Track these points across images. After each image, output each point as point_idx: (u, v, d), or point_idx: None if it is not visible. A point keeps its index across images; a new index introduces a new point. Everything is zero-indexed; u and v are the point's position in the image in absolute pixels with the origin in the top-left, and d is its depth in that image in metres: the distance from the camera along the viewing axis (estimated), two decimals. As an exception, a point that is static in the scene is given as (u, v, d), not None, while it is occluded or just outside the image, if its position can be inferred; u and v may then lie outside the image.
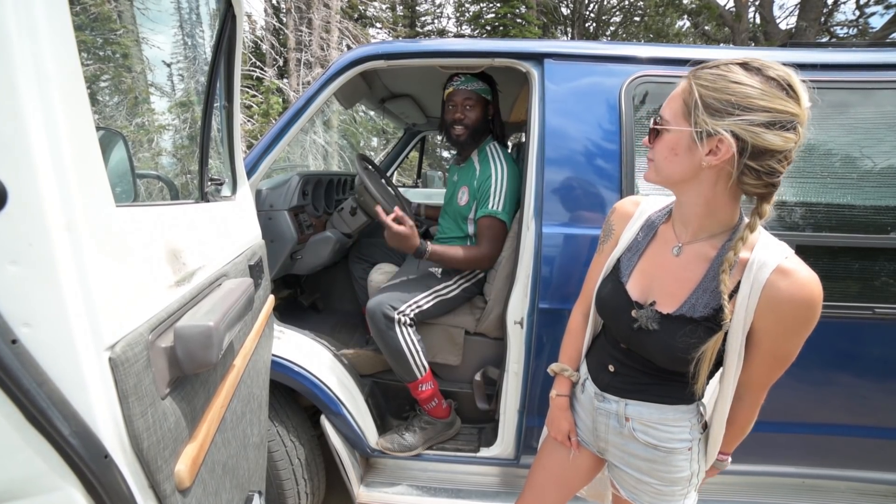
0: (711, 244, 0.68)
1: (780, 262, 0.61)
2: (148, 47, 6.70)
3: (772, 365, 0.67)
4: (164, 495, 0.49)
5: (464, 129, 1.46)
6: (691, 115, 0.59)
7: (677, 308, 0.68)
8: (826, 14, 7.98)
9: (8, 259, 0.36)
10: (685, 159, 0.62)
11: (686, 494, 0.78)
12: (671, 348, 0.67)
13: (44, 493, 0.39)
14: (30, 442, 0.37)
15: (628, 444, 0.78)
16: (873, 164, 1.15)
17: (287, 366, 1.27)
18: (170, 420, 0.52)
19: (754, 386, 0.70)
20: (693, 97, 0.59)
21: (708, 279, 0.67)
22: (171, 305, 0.57)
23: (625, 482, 0.82)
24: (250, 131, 6.84)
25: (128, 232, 0.50)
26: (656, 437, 0.75)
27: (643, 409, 0.76)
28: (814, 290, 0.60)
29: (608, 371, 0.80)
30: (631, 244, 0.78)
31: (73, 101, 0.39)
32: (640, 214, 0.80)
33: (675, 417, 0.74)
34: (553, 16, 13.30)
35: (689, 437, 0.75)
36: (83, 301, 0.40)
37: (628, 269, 0.77)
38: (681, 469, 0.75)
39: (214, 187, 1.02)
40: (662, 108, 0.65)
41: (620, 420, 0.78)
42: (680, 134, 0.61)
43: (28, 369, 0.36)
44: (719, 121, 0.57)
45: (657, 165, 0.66)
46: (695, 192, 0.65)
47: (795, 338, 0.63)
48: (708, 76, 0.60)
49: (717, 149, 0.59)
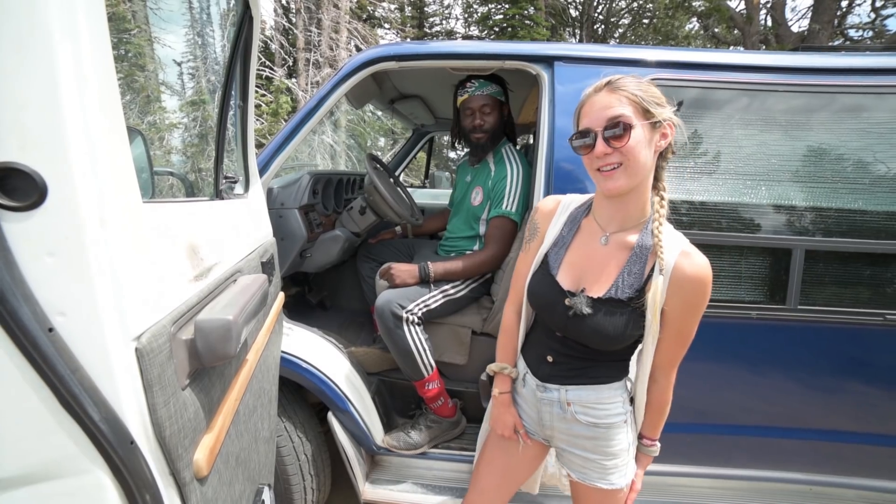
0: (631, 233, 0.78)
1: (683, 247, 0.72)
2: (164, 47, 6.80)
3: (679, 343, 0.77)
4: (183, 482, 0.51)
5: (484, 134, 1.47)
6: (646, 111, 0.70)
7: (606, 291, 0.76)
8: (840, 16, 7.87)
9: (46, 251, 0.38)
10: (648, 152, 0.72)
11: (627, 464, 0.85)
12: (603, 328, 0.75)
13: (74, 476, 0.40)
14: (63, 426, 0.39)
15: (572, 427, 0.84)
16: (887, 169, 1.14)
17: (295, 362, 1.28)
18: (189, 410, 0.54)
19: (666, 365, 0.79)
20: (637, 98, 0.70)
21: (631, 262, 0.76)
22: (191, 299, 0.59)
23: (573, 464, 0.87)
24: (259, 130, 6.91)
25: (152, 227, 0.52)
26: (596, 415, 0.82)
27: (582, 392, 0.82)
28: (709, 271, 0.72)
29: (547, 362, 0.85)
30: (557, 239, 0.85)
31: (107, 102, 0.41)
32: (562, 211, 0.87)
33: (609, 395, 0.82)
34: (561, 17, 13.27)
35: (623, 411, 0.83)
36: (113, 292, 0.42)
37: (557, 262, 0.83)
38: (619, 441, 0.83)
39: (228, 185, 1.04)
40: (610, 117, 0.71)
41: (563, 406, 0.84)
42: (643, 128, 0.71)
43: (63, 356, 0.38)
44: (663, 110, 0.71)
45: (630, 166, 0.71)
46: (643, 186, 0.75)
47: (696, 314, 0.74)
48: (629, 84, 0.72)
49: (663, 134, 0.73)
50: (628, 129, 0.69)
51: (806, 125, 1.16)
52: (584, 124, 0.74)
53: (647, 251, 0.75)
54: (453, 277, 1.40)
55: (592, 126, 0.72)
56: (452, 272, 1.39)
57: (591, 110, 0.73)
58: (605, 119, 0.71)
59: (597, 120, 0.72)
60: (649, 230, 0.76)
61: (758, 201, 1.16)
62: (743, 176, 1.16)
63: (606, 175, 0.72)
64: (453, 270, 1.39)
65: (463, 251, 1.53)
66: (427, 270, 1.36)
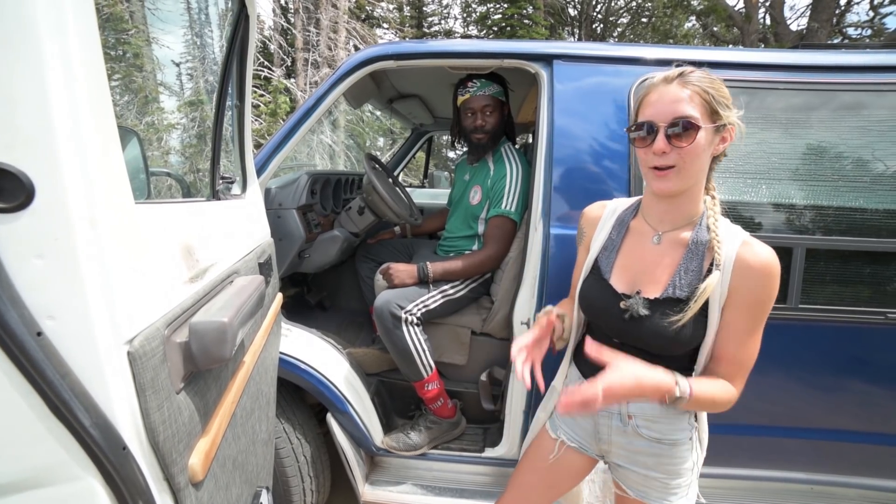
0: (684, 230, 0.75)
1: (743, 238, 0.69)
2: (161, 47, 6.79)
3: (742, 344, 0.70)
4: (178, 488, 0.50)
5: (485, 135, 1.45)
6: (715, 112, 0.67)
7: (663, 291, 0.73)
8: (839, 15, 7.87)
9: (34, 253, 0.37)
10: (707, 155, 0.69)
11: (690, 485, 0.80)
12: (663, 329, 0.71)
13: (65, 483, 0.40)
14: (53, 432, 0.38)
15: (633, 441, 0.79)
16: (886, 167, 1.14)
17: (294, 363, 1.28)
18: (184, 414, 0.53)
19: (731, 366, 0.72)
20: (708, 97, 0.66)
21: (687, 259, 0.72)
22: (186, 301, 0.58)
23: (631, 481, 0.82)
24: (257, 130, 6.90)
25: (145, 228, 0.51)
26: (660, 430, 0.77)
27: (645, 404, 0.77)
28: (775, 261, 0.67)
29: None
30: (606, 243, 0.82)
31: (97, 101, 0.40)
32: (609, 215, 0.84)
33: (674, 409, 0.76)
34: (560, 17, 13.27)
35: (689, 427, 0.77)
36: (104, 295, 0.41)
37: (608, 266, 0.80)
38: (684, 460, 0.77)
39: (225, 186, 1.03)
40: (678, 114, 0.67)
41: (623, 419, 0.79)
42: (707, 132, 0.67)
43: (52, 361, 0.37)
44: (730, 112, 0.68)
45: (684, 169, 0.68)
46: (697, 187, 0.72)
47: (761, 310, 0.69)
48: (702, 80, 0.68)
49: (724, 138, 0.69)
50: (694, 132, 0.65)
51: (806, 123, 1.15)
52: (647, 115, 0.69)
53: (704, 246, 0.71)
54: (452, 277, 1.39)
55: (656, 119, 0.67)
56: (451, 272, 1.38)
57: (658, 101, 0.68)
58: (672, 115, 0.66)
59: (663, 114, 0.67)
60: (704, 225, 0.72)
61: (758, 200, 1.16)
62: (743, 174, 1.16)
63: (660, 175, 0.69)
64: (452, 270, 1.38)
65: (462, 251, 1.52)
66: (426, 271, 1.36)
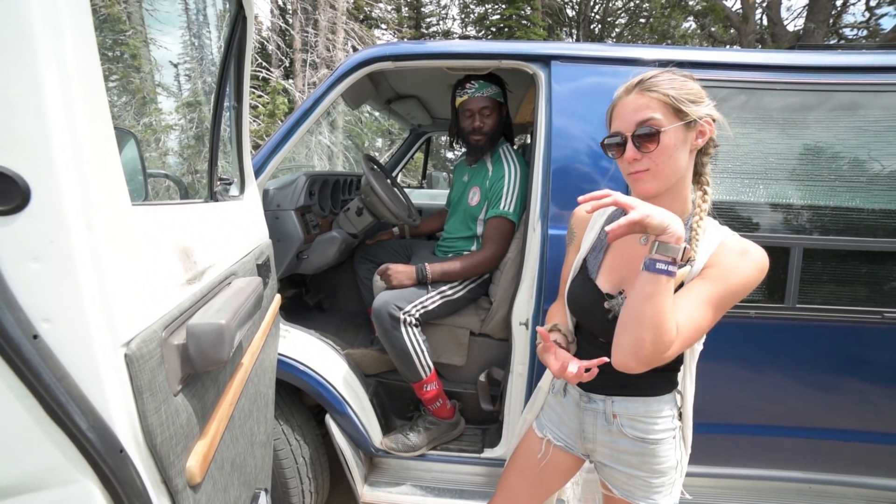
0: None
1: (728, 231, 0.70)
2: (158, 48, 6.77)
3: (694, 303, 0.65)
4: (175, 490, 0.50)
5: (483, 136, 1.46)
6: (680, 111, 0.67)
7: None
8: (835, 16, 7.92)
9: (30, 256, 0.37)
10: (682, 154, 0.69)
11: (674, 483, 0.81)
12: None
13: (62, 486, 0.39)
14: (49, 435, 0.38)
15: (617, 440, 0.80)
16: (882, 167, 1.14)
17: (293, 365, 1.27)
18: (182, 416, 0.53)
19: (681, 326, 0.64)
20: (669, 98, 0.67)
21: None
22: (183, 303, 0.58)
23: (616, 480, 0.83)
24: (255, 131, 6.89)
25: (142, 230, 0.51)
26: (643, 429, 0.78)
27: (629, 403, 0.78)
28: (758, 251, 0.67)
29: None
30: (595, 243, 0.83)
31: (93, 102, 0.40)
32: (599, 215, 0.85)
33: (658, 408, 0.78)
34: (558, 17, 13.29)
35: (672, 426, 0.78)
36: (100, 298, 0.41)
37: (595, 266, 0.81)
38: (667, 458, 0.78)
39: (223, 187, 1.03)
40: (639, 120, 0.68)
41: (608, 418, 0.80)
42: (675, 131, 0.68)
43: (48, 364, 0.37)
44: (699, 107, 0.68)
45: (659, 171, 0.69)
46: (680, 184, 0.72)
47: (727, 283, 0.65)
48: (661, 83, 0.69)
49: (701, 132, 0.70)
50: (656, 135, 0.67)
51: (803, 123, 1.16)
52: (615, 127, 0.72)
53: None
54: (451, 278, 1.39)
55: (623, 130, 0.70)
56: (450, 273, 1.38)
57: (621, 112, 0.71)
58: (635, 123, 0.68)
59: (627, 123, 0.70)
60: (689, 225, 0.72)
61: (755, 200, 1.16)
62: (740, 174, 1.16)
63: (637, 178, 0.71)
64: (451, 271, 1.38)
65: (460, 252, 1.52)
66: (424, 271, 1.35)
